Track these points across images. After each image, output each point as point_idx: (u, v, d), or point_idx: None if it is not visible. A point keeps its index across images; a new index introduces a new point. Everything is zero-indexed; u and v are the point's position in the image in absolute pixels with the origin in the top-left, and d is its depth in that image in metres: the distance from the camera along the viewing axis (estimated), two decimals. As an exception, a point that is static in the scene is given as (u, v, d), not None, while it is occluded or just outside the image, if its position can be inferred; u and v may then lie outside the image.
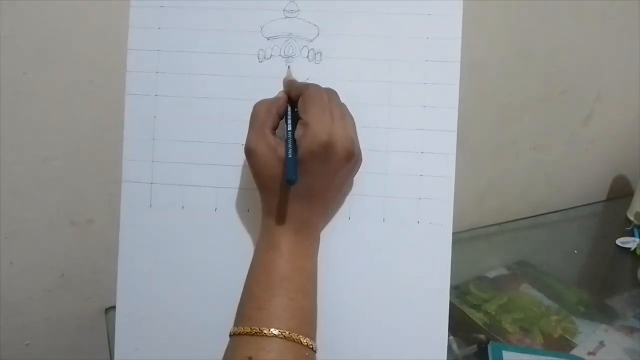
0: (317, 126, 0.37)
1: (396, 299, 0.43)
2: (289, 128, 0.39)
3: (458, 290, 0.74)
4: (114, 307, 0.44)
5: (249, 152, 0.39)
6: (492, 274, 0.80)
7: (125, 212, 0.44)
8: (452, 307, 0.42)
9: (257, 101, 0.41)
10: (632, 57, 0.94)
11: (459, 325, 0.68)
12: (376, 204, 0.43)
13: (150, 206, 0.44)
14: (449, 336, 0.62)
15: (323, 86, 0.40)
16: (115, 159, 0.45)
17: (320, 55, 0.44)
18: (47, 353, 0.68)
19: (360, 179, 0.43)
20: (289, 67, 0.44)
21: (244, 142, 0.39)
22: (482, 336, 0.66)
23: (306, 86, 0.40)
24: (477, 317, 0.70)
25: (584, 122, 0.96)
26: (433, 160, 0.43)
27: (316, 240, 0.42)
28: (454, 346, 0.63)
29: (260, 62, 0.44)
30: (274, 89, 0.43)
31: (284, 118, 0.40)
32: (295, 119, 0.40)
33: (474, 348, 0.64)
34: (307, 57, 0.44)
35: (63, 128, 0.59)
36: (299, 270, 0.39)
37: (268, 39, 0.44)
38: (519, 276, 0.79)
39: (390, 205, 0.43)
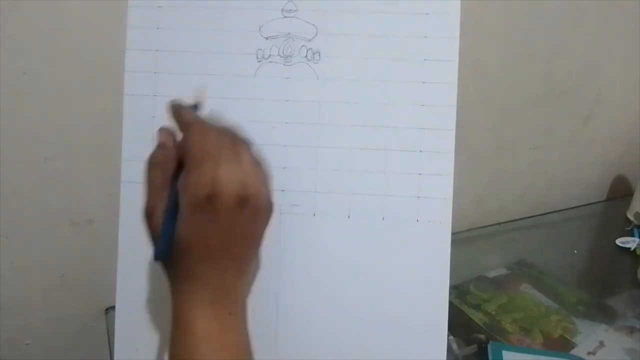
0: (197, 175, 0.33)
1: (395, 297, 0.43)
2: (170, 190, 0.35)
3: (458, 290, 0.74)
4: (114, 307, 0.44)
5: (146, 216, 0.36)
6: (492, 274, 0.79)
7: (125, 213, 0.44)
8: (452, 307, 0.42)
9: (150, 155, 0.37)
10: (632, 57, 0.94)
11: (459, 325, 0.68)
12: (375, 202, 0.43)
13: (150, 206, 0.44)
14: (448, 336, 0.62)
15: (318, 87, 0.39)
16: (116, 159, 0.45)
17: (319, 55, 0.44)
18: (47, 353, 0.68)
19: (360, 177, 0.43)
20: (206, 88, 0.40)
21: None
22: (482, 336, 0.66)
23: (188, 125, 0.35)
24: (477, 317, 0.69)
25: (584, 122, 0.96)
26: (432, 158, 0.43)
27: (237, 305, 0.36)
28: (454, 346, 0.63)
29: (258, 61, 0.44)
30: (272, 89, 0.43)
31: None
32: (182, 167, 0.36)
33: (473, 348, 0.64)
34: (306, 56, 0.44)
35: (63, 128, 0.59)
36: (222, 350, 0.34)
37: (266, 39, 0.44)
38: (519, 276, 0.79)
39: (389, 203, 0.43)
